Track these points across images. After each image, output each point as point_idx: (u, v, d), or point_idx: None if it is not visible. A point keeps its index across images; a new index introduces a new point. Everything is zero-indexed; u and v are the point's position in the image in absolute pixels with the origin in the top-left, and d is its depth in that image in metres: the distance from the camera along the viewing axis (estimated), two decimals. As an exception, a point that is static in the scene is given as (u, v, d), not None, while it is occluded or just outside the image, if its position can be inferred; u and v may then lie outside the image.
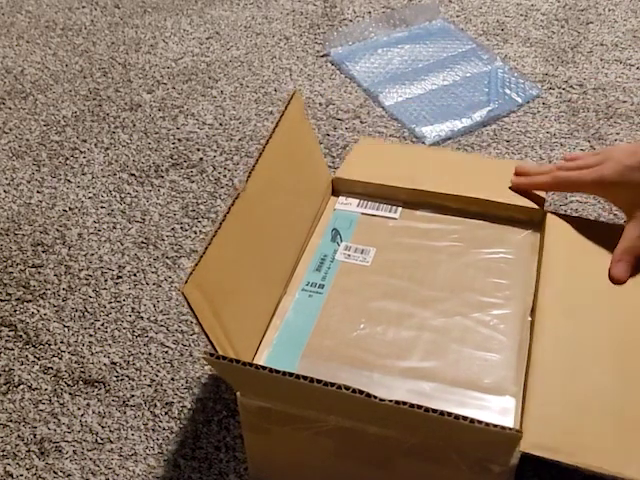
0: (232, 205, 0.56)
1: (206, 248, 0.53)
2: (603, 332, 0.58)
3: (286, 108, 0.64)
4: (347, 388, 0.46)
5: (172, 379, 0.70)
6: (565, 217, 0.68)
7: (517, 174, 0.71)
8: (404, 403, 0.46)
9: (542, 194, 0.69)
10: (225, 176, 0.91)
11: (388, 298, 0.63)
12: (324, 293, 0.64)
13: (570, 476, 0.54)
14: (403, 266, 0.65)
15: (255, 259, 0.60)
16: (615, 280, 0.61)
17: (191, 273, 0.51)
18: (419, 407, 0.46)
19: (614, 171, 0.62)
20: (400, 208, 0.71)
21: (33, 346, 0.74)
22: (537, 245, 0.66)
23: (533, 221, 0.68)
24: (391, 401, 0.46)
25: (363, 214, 0.71)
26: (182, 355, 0.72)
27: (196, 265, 0.52)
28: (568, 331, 0.58)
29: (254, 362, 0.58)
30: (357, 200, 0.72)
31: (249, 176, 0.58)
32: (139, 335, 0.74)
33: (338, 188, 0.74)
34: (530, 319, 0.60)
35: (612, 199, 0.66)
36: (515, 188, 0.70)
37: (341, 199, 0.73)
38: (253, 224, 0.59)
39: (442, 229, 0.69)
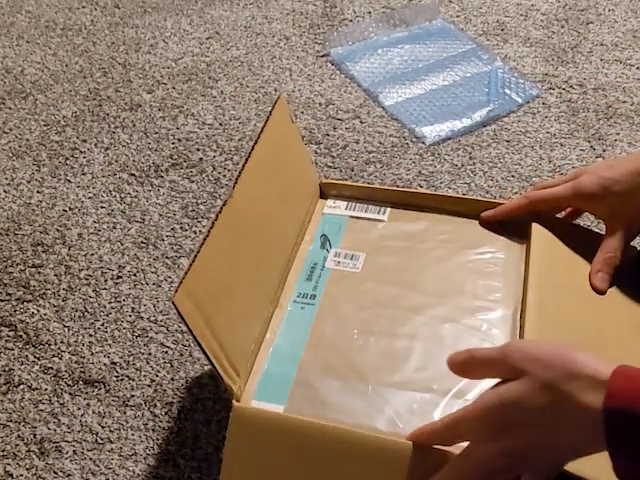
0: (220, 212, 0.56)
1: (195, 256, 0.53)
2: (589, 333, 0.58)
3: (271, 113, 0.64)
4: None
5: (172, 379, 0.70)
6: (551, 217, 0.68)
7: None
8: None
9: None
10: (225, 176, 0.91)
11: (380, 306, 0.63)
12: (316, 304, 0.64)
13: (569, 477, 0.54)
14: (393, 271, 0.65)
15: (245, 265, 0.60)
16: (596, 290, 0.62)
17: (181, 282, 0.51)
18: None
19: (592, 182, 0.63)
20: (388, 209, 0.71)
21: (33, 346, 0.74)
22: (525, 244, 0.66)
23: (521, 220, 0.68)
24: None
25: (351, 217, 0.71)
26: (182, 355, 0.72)
27: (186, 274, 0.51)
28: (554, 332, 0.58)
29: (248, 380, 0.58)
30: (345, 203, 0.72)
31: (236, 182, 0.58)
32: (139, 335, 0.74)
33: (326, 191, 0.74)
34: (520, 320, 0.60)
35: (591, 210, 0.66)
36: (486, 219, 0.68)
37: (329, 202, 0.73)
38: (242, 230, 0.59)
39: (431, 230, 0.69)
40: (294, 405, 0.56)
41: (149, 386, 0.70)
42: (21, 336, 0.75)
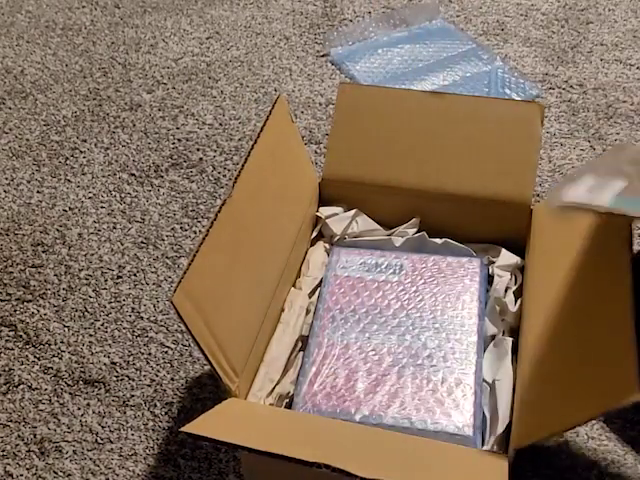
0: (219, 212, 0.56)
1: (194, 256, 0.53)
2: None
3: (271, 113, 0.64)
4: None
5: (172, 379, 0.70)
6: None
7: None
8: None
9: None
10: (225, 176, 0.91)
11: None
12: None
13: (569, 477, 0.54)
14: None
15: (244, 265, 0.60)
16: None
17: (179, 282, 0.51)
18: None
19: None
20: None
21: (33, 346, 0.74)
22: None
23: None
24: None
25: None
26: (182, 355, 0.72)
27: (184, 274, 0.51)
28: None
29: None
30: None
31: (235, 182, 0.58)
32: (139, 335, 0.74)
33: (327, 192, 0.73)
34: None
35: None
36: None
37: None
38: (241, 230, 0.59)
39: None
40: None
41: (149, 386, 0.70)
42: (21, 336, 0.75)
